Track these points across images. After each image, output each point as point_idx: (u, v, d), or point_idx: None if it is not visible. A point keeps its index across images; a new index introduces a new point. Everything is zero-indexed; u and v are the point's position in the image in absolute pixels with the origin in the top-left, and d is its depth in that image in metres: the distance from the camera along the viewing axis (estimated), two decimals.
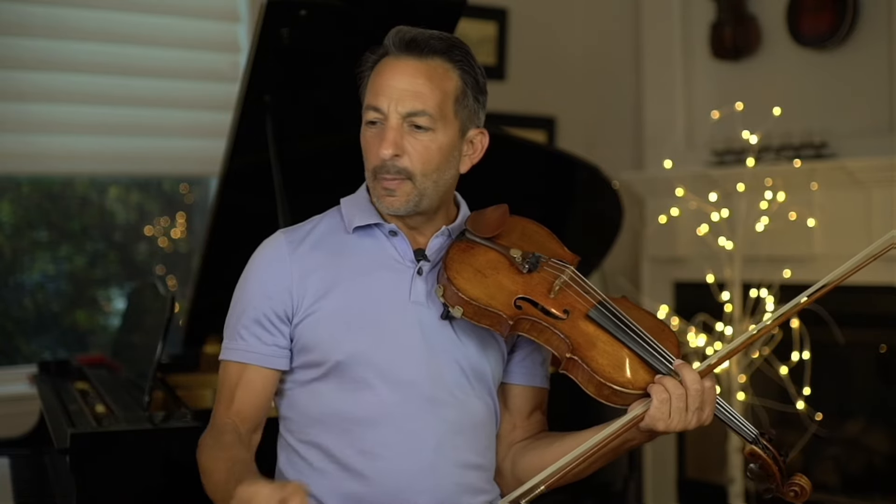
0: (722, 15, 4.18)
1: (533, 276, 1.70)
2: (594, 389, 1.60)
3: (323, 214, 1.81)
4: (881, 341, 3.82)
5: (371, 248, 1.74)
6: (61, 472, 2.19)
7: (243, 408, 1.71)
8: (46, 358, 3.32)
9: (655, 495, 4.42)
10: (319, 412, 1.69)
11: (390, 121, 1.66)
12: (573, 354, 1.60)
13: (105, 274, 3.82)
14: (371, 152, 1.69)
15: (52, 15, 3.44)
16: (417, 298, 1.70)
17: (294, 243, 1.73)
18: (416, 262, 1.73)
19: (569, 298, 1.68)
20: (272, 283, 1.70)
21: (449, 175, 1.72)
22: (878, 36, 3.76)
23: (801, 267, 3.71)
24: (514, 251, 1.72)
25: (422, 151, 1.66)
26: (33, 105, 3.44)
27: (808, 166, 3.71)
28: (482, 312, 1.63)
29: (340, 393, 1.67)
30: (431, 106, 1.66)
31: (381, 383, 1.66)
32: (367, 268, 1.72)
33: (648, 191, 4.29)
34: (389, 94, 1.66)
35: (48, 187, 3.69)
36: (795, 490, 1.64)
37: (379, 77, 1.68)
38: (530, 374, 1.80)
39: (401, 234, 1.73)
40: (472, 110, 1.75)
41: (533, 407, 1.81)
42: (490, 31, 4.27)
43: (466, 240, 1.74)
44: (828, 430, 3.64)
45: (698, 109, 4.29)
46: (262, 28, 2.33)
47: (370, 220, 1.73)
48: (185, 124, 3.66)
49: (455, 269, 1.67)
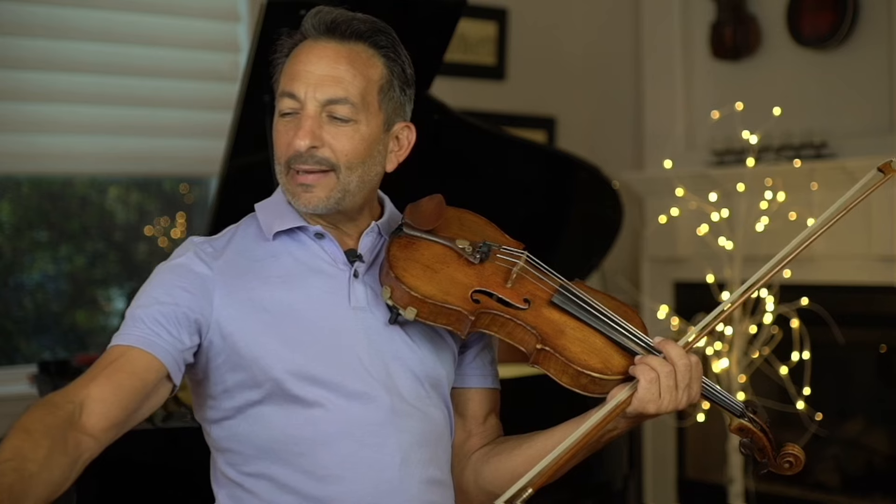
0: (722, 15, 4.18)
1: (485, 266, 1.56)
2: (569, 380, 1.49)
3: (236, 224, 1.63)
4: (881, 341, 3.82)
5: (298, 254, 1.56)
6: None
7: (107, 389, 1.39)
8: (46, 358, 3.32)
9: (655, 495, 4.42)
10: (267, 439, 1.50)
11: (307, 109, 1.50)
12: (543, 345, 1.48)
13: (105, 274, 3.82)
14: (284, 143, 1.52)
15: (53, 15, 3.43)
16: (358, 304, 1.54)
17: (215, 253, 1.55)
18: (349, 265, 1.56)
19: (527, 286, 1.56)
20: (191, 287, 1.50)
21: (374, 172, 1.56)
22: (878, 36, 3.76)
23: (801, 267, 3.71)
24: (460, 242, 1.58)
25: (344, 142, 1.50)
26: (33, 105, 3.44)
27: (808, 166, 3.71)
28: (439, 311, 1.48)
29: (287, 415, 1.49)
30: (353, 93, 1.50)
31: (333, 398, 1.49)
32: (297, 275, 1.54)
33: (648, 191, 4.29)
34: (307, 79, 1.50)
35: (48, 187, 3.69)
36: (790, 461, 1.57)
37: (295, 62, 1.52)
38: (483, 374, 1.66)
39: (328, 235, 1.57)
40: (399, 102, 1.57)
41: (488, 410, 1.66)
42: (490, 31, 4.27)
43: (406, 235, 1.57)
44: (828, 430, 3.64)
45: (698, 109, 4.29)
46: (262, 28, 2.33)
47: (292, 223, 1.56)
48: (185, 124, 3.66)
49: (401, 267, 1.51)
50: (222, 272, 1.53)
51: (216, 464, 1.58)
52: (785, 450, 1.58)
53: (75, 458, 1.33)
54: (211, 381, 1.54)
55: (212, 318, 1.50)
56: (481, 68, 4.25)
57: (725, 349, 3.54)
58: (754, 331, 3.53)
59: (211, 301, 1.50)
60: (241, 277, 1.53)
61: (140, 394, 1.43)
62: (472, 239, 1.61)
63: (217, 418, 1.55)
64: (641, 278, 4.41)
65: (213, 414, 1.55)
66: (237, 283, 1.52)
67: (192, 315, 1.49)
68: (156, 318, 1.47)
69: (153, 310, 1.48)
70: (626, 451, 2.87)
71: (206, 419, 1.58)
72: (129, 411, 1.42)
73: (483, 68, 4.26)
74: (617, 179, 3.54)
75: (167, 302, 1.48)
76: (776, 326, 3.49)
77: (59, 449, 1.30)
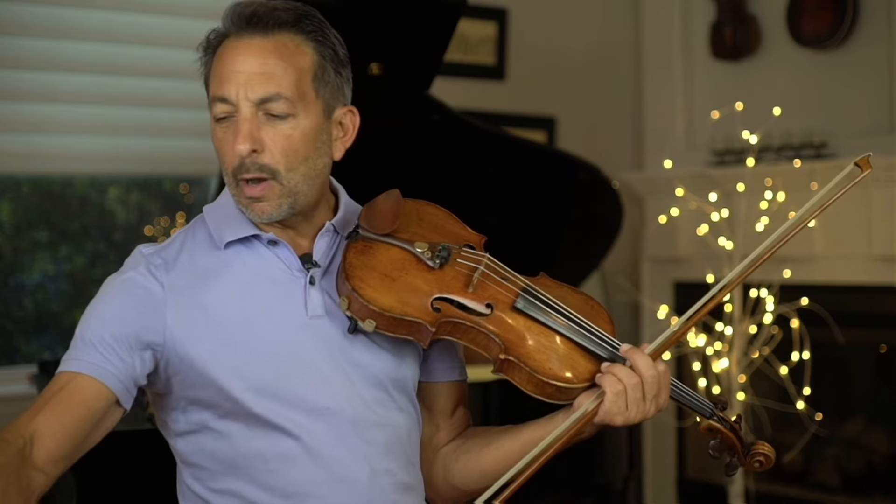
0: (722, 15, 4.18)
1: (445, 270, 1.49)
2: (534, 389, 1.43)
3: (185, 229, 1.55)
4: (881, 341, 3.82)
5: (251, 263, 1.49)
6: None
7: (55, 421, 1.37)
8: (46, 358, 3.32)
9: (655, 495, 4.42)
10: (233, 456, 1.46)
11: (242, 111, 1.43)
12: (507, 355, 1.42)
13: (105, 274, 3.79)
14: (227, 150, 1.45)
15: (52, 15, 3.43)
16: (316, 312, 1.48)
17: (166, 265, 1.48)
18: (305, 271, 1.50)
19: (490, 290, 1.49)
20: (142, 307, 1.45)
21: (321, 164, 1.49)
22: (878, 36, 3.76)
23: (801, 267, 3.71)
24: (418, 245, 1.50)
25: (283, 143, 1.43)
26: (33, 105, 3.43)
27: (808, 166, 3.71)
28: (398, 323, 1.43)
29: (251, 432, 1.45)
30: (287, 87, 1.43)
31: (295, 416, 1.44)
32: (251, 286, 1.48)
33: (648, 191, 4.29)
34: (236, 80, 1.43)
35: (48, 187, 3.69)
36: (760, 460, 1.52)
37: (221, 63, 1.46)
38: (449, 368, 1.61)
39: (282, 242, 1.50)
40: (335, 86, 1.50)
41: (456, 403, 1.62)
42: (490, 31, 4.27)
43: (362, 238, 1.50)
44: (828, 430, 3.63)
45: (698, 109, 4.29)
46: None
47: (244, 231, 1.49)
48: (185, 124, 3.65)
49: (358, 277, 1.44)
50: (173, 288, 1.47)
51: (182, 477, 1.54)
52: (755, 448, 1.53)
53: (28, 497, 1.32)
54: (173, 395, 1.49)
55: (165, 338, 1.45)
56: (481, 68, 4.25)
57: (725, 349, 3.54)
58: (754, 331, 3.53)
59: (164, 321, 1.45)
60: (193, 292, 1.47)
61: (89, 423, 1.41)
62: (432, 237, 1.54)
63: (181, 431, 1.51)
64: (641, 278, 4.41)
65: (177, 427, 1.51)
66: (189, 300, 1.46)
67: (145, 338, 1.45)
68: (106, 342, 1.43)
69: (103, 332, 1.44)
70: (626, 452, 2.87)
71: (170, 432, 1.53)
72: (77, 441, 1.40)
73: (483, 68, 4.26)
74: (617, 179, 3.54)
75: (118, 325, 1.44)
76: (776, 326, 3.49)
77: (14, 489, 1.28)
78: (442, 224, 1.59)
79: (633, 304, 4.29)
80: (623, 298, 4.23)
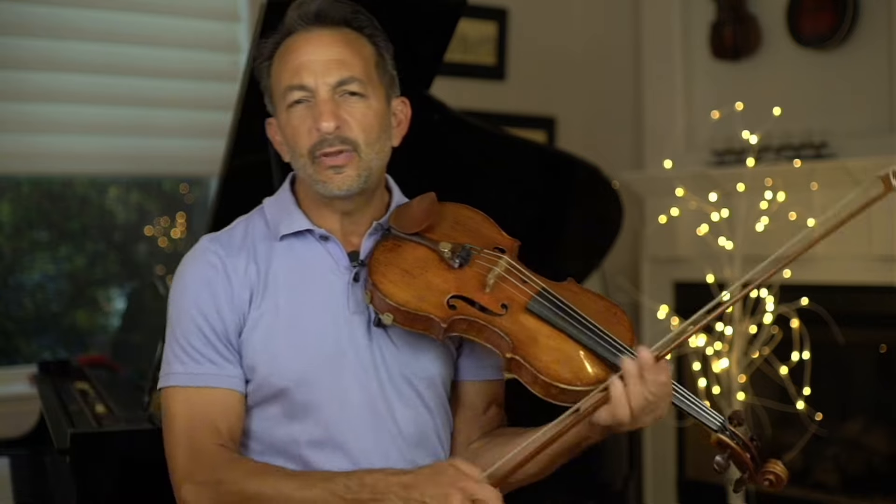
0: (722, 15, 4.18)
1: (465, 270, 1.55)
2: (540, 390, 1.46)
3: (246, 218, 1.67)
4: (881, 341, 3.82)
5: (304, 257, 1.59)
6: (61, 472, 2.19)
7: (232, 437, 1.55)
8: (46, 358, 3.32)
9: (655, 495, 4.42)
10: (269, 438, 1.57)
11: (320, 94, 1.53)
12: (514, 354, 1.46)
13: (105, 274, 3.82)
14: (304, 132, 1.54)
15: (53, 15, 3.43)
16: (357, 309, 1.57)
17: (231, 253, 1.59)
18: (351, 269, 1.59)
19: (506, 291, 1.54)
20: (222, 297, 1.55)
21: (388, 146, 1.60)
22: (878, 36, 3.76)
23: (801, 267, 3.71)
24: (443, 245, 1.57)
25: (361, 119, 1.54)
26: (33, 105, 3.44)
27: (808, 166, 3.71)
28: (413, 317, 1.50)
29: (287, 417, 1.55)
30: (358, 71, 1.54)
31: (329, 405, 1.54)
32: (303, 279, 1.58)
33: (648, 191, 4.29)
34: (312, 67, 1.53)
35: (48, 187, 3.69)
36: (770, 479, 1.49)
37: (293, 55, 1.55)
38: (479, 368, 1.66)
39: (332, 238, 1.60)
40: (391, 76, 1.62)
41: (488, 402, 1.68)
42: (490, 31, 4.27)
43: (393, 237, 1.59)
44: (828, 430, 3.64)
45: (698, 109, 4.29)
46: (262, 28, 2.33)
47: (299, 226, 1.60)
48: (185, 124, 3.66)
49: (380, 273, 1.52)
50: (237, 272, 1.57)
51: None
52: (767, 467, 1.51)
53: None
54: None
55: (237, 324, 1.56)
56: (481, 68, 4.25)
57: (725, 349, 3.54)
58: (754, 331, 3.53)
59: (233, 306, 1.56)
60: (252, 281, 1.57)
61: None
62: (464, 239, 1.61)
63: None
64: (641, 278, 4.41)
65: None
66: (248, 286, 1.57)
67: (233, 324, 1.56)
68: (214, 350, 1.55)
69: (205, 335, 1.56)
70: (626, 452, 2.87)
71: None
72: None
73: (483, 68, 4.26)
74: (617, 179, 3.54)
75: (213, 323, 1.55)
76: (776, 326, 3.49)
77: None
78: (476, 227, 1.65)
79: (633, 304, 4.29)
80: (623, 298, 4.22)
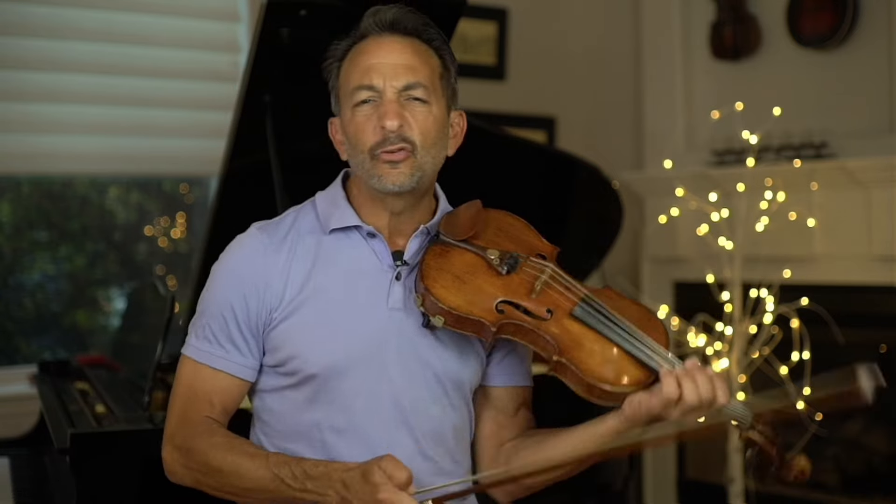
0: (722, 15, 4.18)
1: (512, 277, 1.63)
2: (584, 390, 1.55)
3: (298, 209, 1.74)
4: (881, 341, 3.82)
5: (349, 252, 1.66)
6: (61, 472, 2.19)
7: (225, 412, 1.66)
8: (46, 358, 3.32)
9: (655, 495, 4.42)
10: (293, 422, 1.63)
11: (387, 95, 1.60)
12: (560, 357, 1.55)
13: (105, 274, 3.82)
14: (368, 130, 1.61)
15: (53, 15, 3.43)
16: (395, 305, 1.63)
17: (274, 243, 1.66)
18: (394, 267, 1.66)
19: (551, 297, 1.62)
20: (252, 288, 1.63)
21: (442, 154, 1.67)
22: (878, 36, 3.76)
23: (801, 267, 3.71)
24: (490, 252, 1.65)
25: (422, 122, 1.61)
26: (33, 105, 3.44)
27: (808, 166, 3.71)
28: (464, 321, 1.57)
29: (312, 403, 1.62)
30: (424, 78, 1.62)
31: (355, 394, 1.61)
32: (346, 273, 1.65)
33: (648, 191, 4.29)
34: (382, 70, 1.61)
35: (48, 187, 3.69)
36: (797, 475, 1.59)
37: (364, 56, 1.63)
38: (510, 373, 1.74)
39: (379, 236, 1.67)
40: (453, 90, 1.71)
41: (518, 405, 1.75)
42: (490, 31, 4.27)
43: (441, 242, 1.66)
44: (828, 430, 3.63)
45: (698, 109, 4.29)
46: (262, 28, 2.33)
47: (348, 221, 1.67)
48: (185, 124, 3.66)
49: (432, 277, 1.60)
50: (280, 261, 1.64)
51: (254, 427, 1.71)
52: (792, 462, 1.60)
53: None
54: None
55: (268, 310, 1.63)
56: (481, 68, 4.25)
57: (725, 349, 3.54)
58: (754, 331, 3.53)
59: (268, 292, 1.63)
60: (295, 270, 1.64)
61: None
62: (508, 245, 1.68)
63: (256, 389, 1.68)
64: (641, 278, 4.41)
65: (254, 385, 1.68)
66: (291, 275, 1.64)
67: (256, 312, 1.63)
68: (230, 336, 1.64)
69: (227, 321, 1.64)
70: None
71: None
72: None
73: (483, 68, 4.26)
74: (617, 179, 3.54)
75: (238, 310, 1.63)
76: (776, 326, 3.49)
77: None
78: (518, 234, 1.73)
79: None
80: None
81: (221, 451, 1.56)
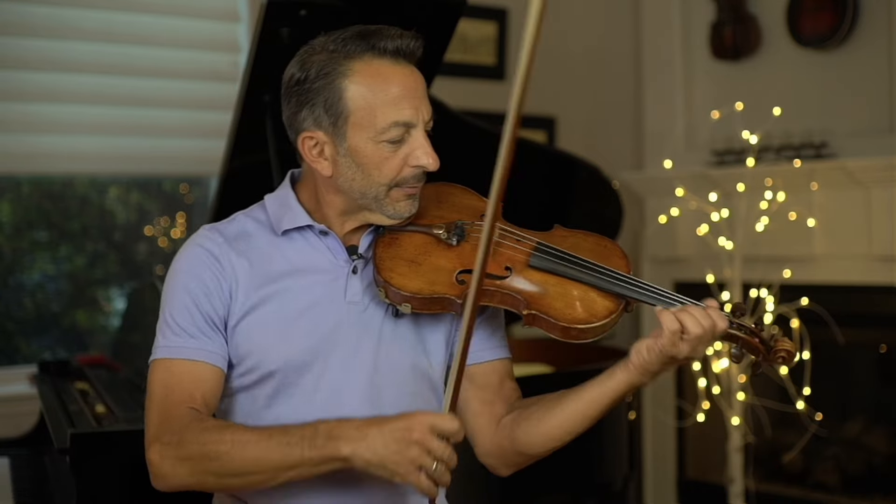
0: (722, 15, 4.18)
1: (464, 245, 1.64)
2: (562, 335, 1.57)
3: (246, 212, 1.73)
4: (881, 341, 3.83)
5: (303, 250, 1.66)
6: (61, 472, 2.19)
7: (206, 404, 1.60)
8: (46, 358, 3.32)
9: (655, 495, 4.42)
10: (258, 420, 1.61)
11: (420, 129, 1.60)
12: (529, 309, 1.57)
13: (105, 274, 3.82)
14: (394, 164, 1.60)
15: (53, 15, 3.43)
16: (353, 298, 1.64)
17: (227, 241, 1.65)
18: (350, 261, 1.66)
19: (506, 254, 1.63)
20: (212, 282, 1.61)
21: None
22: (878, 36, 3.76)
23: (801, 267, 3.71)
24: (436, 227, 1.65)
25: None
26: (33, 105, 3.44)
27: (808, 166, 3.71)
28: (429, 301, 1.59)
29: (276, 400, 1.61)
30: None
31: (318, 388, 1.60)
32: (301, 271, 1.64)
33: (648, 191, 4.29)
34: (414, 104, 1.59)
35: (48, 187, 3.69)
36: (783, 356, 1.58)
37: (392, 85, 1.59)
38: (483, 350, 1.72)
39: (332, 233, 1.67)
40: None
41: (500, 378, 1.73)
42: (490, 31, 4.27)
43: (388, 232, 1.67)
44: (828, 430, 3.64)
45: (698, 109, 4.29)
46: (262, 28, 2.33)
47: (301, 221, 1.66)
48: (185, 124, 3.66)
49: (388, 268, 1.61)
50: (234, 261, 1.63)
51: None
52: (776, 347, 1.58)
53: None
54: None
55: (227, 309, 1.63)
56: (481, 68, 4.26)
57: (725, 349, 3.54)
58: None
59: (228, 291, 1.62)
60: (248, 269, 1.63)
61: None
62: (451, 216, 1.69)
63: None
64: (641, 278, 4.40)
65: None
66: (245, 274, 1.63)
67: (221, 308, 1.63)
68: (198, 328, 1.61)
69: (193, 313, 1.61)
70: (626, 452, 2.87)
71: None
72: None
73: (483, 68, 4.26)
74: (617, 179, 3.54)
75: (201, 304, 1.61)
76: (776, 326, 3.49)
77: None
78: (458, 201, 1.73)
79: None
80: None
81: (217, 431, 1.50)
